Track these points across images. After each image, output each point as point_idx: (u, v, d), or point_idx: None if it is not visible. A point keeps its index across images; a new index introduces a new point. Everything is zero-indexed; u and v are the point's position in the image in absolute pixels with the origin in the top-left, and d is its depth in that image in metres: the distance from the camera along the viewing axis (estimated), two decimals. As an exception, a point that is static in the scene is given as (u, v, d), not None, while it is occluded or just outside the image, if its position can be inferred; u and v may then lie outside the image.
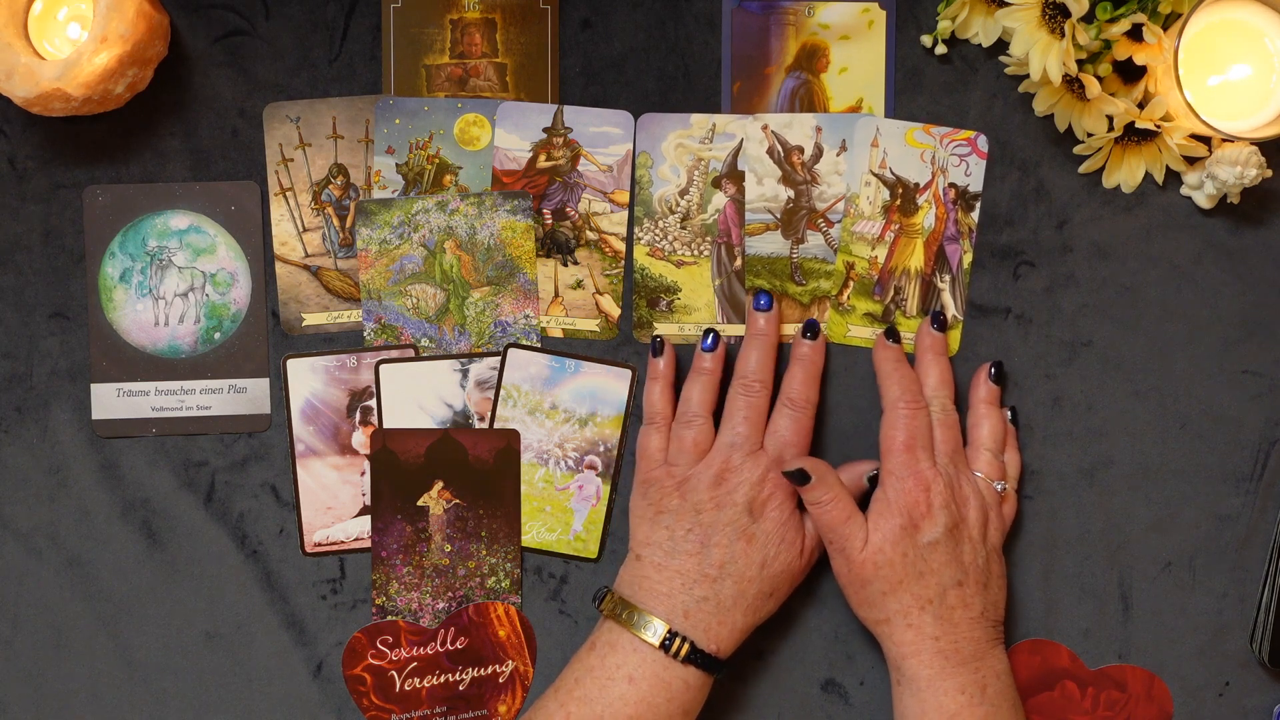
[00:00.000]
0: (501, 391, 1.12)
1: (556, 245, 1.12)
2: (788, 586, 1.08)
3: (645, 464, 1.09)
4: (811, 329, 1.10)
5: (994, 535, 1.07)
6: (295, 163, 1.12)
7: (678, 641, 1.03)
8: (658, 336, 1.11)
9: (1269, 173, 1.08)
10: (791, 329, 1.11)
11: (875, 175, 1.11)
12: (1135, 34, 1.05)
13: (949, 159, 1.11)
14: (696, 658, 1.03)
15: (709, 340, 1.09)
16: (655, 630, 1.03)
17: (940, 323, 1.09)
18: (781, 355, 1.11)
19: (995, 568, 1.06)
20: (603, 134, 1.12)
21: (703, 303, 1.12)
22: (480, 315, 1.12)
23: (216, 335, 1.12)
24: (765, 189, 1.12)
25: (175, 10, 1.11)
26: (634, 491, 1.09)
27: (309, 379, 1.12)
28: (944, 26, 1.10)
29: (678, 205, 1.12)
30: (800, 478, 1.05)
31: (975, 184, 1.11)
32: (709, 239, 1.12)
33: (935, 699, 1.03)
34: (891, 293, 1.12)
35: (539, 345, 1.12)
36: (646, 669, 1.03)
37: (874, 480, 1.08)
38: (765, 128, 1.11)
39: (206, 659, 1.12)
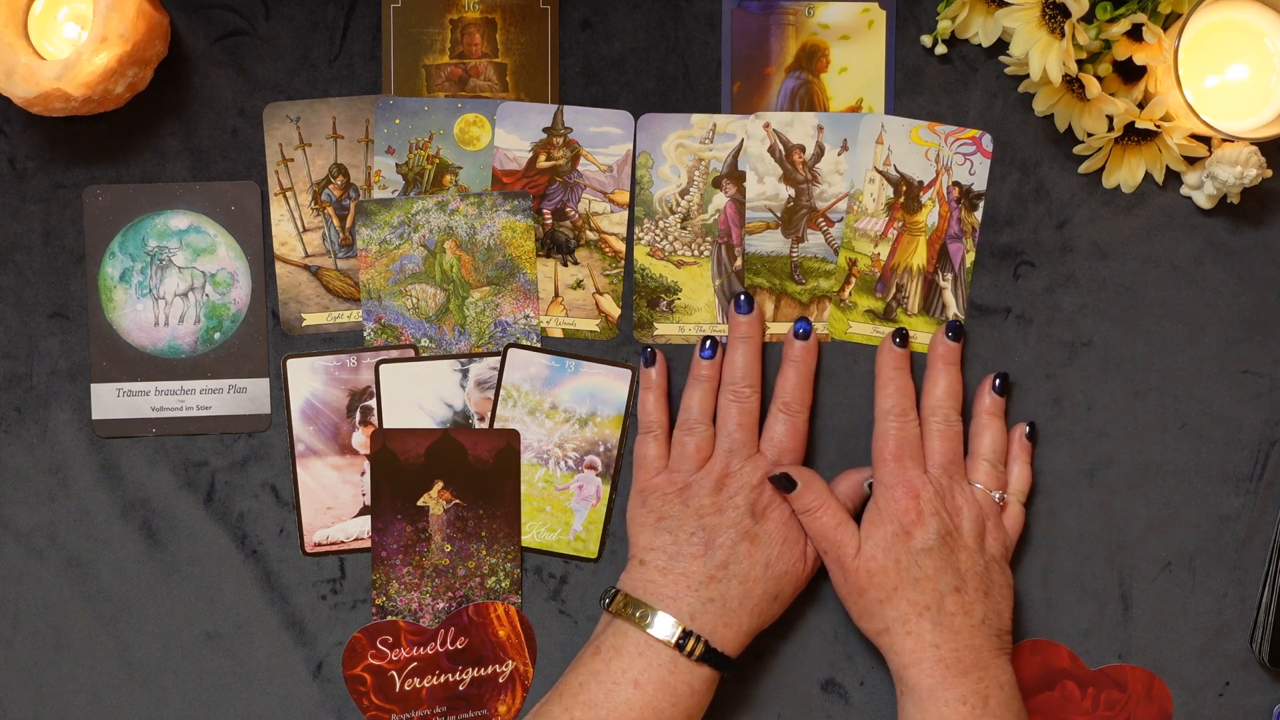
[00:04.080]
0: (501, 391, 1.12)
1: (556, 245, 1.12)
2: (792, 589, 1.08)
3: (644, 472, 1.09)
4: (803, 329, 1.10)
5: (993, 545, 1.07)
6: (295, 163, 1.12)
7: (692, 640, 1.03)
8: (648, 347, 1.11)
9: (1269, 173, 1.08)
10: (783, 328, 1.11)
11: (879, 172, 1.11)
12: (1135, 34, 1.05)
13: (953, 157, 1.11)
14: (710, 656, 1.03)
15: (707, 348, 1.09)
16: (669, 629, 1.03)
17: (955, 332, 1.09)
18: (774, 355, 1.11)
19: (997, 576, 1.06)
20: (603, 134, 1.12)
21: (703, 303, 1.12)
22: (480, 315, 1.12)
23: (216, 335, 1.12)
24: (766, 187, 1.12)
25: (175, 10, 1.11)
26: (631, 500, 1.09)
27: (309, 379, 1.12)
28: (944, 26, 1.10)
29: (678, 205, 1.12)
30: (786, 483, 1.05)
31: (979, 183, 1.12)
32: (709, 239, 1.12)
33: (937, 709, 1.02)
34: (893, 290, 1.12)
35: (539, 345, 1.12)
36: (652, 673, 1.03)
37: (873, 487, 1.08)
38: (767, 125, 1.11)
39: (206, 659, 1.12)
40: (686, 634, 1.03)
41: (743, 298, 1.10)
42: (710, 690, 1.05)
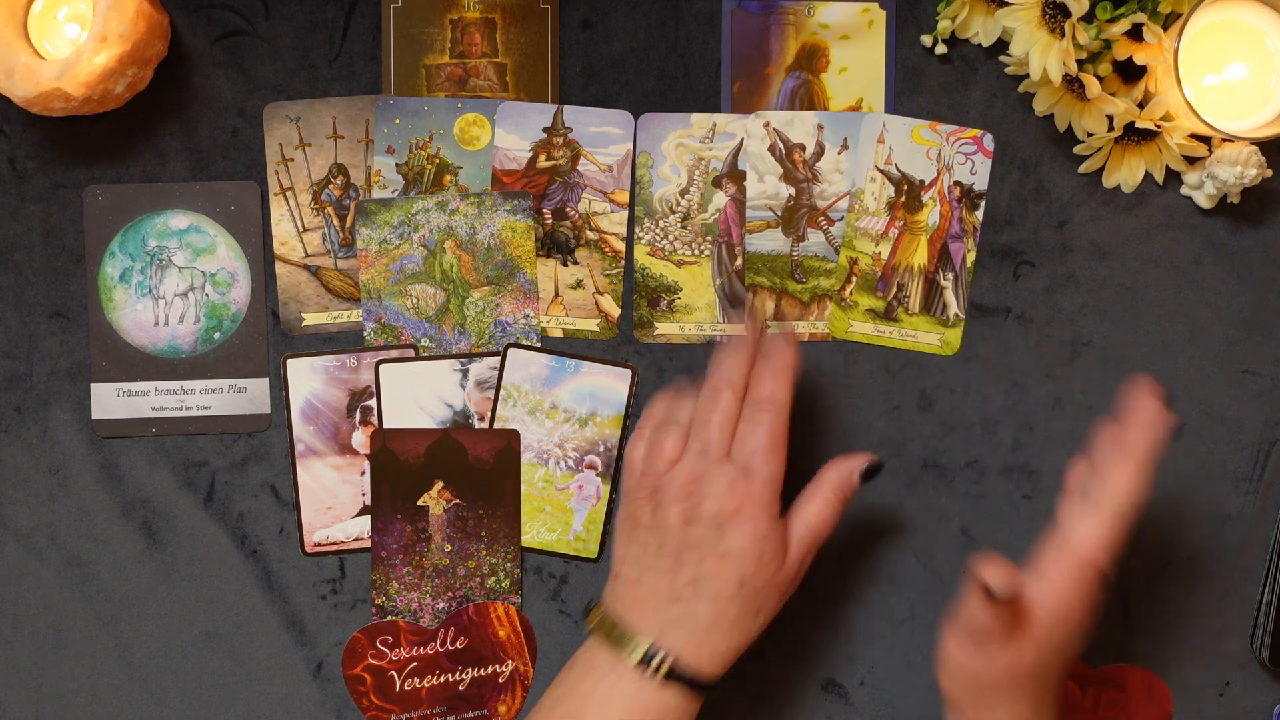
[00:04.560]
0: (501, 391, 1.12)
1: (556, 245, 1.12)
2: (777, 599, 1.02)
3: (626, 475, 1.04)
4: (777, 320, 1.06)
5: None
6: (295, 163, 1.12)
7: (658, 658, 0.98)
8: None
9: (1269, 173, 1.08)
10: (784, 328, 1.11)
11: (881, 171, 1.11)
12: (1135, 34, 1.05)
13: (955, 157, 1.11)
14: (678, 677, 0.98)
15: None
16: (635, 647, 0.99)
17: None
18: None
19: None
20: (603, 134, 1.12)
21: (703, 302, 1.12)
22: (480, 315, 1.12)
23: (216, 335, 1.12)
24: (766, 186, 1.12)
25: (175, 10, 1.11)
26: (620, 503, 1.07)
27: (309, 379, 1.12)
28: (944, 26, 1.10)
29: (678, 205, 1.12)
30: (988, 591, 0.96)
31: (980, 182, 1.12)
32: (709, 238, 1.12)
33: None
34: (894, 289, 1.12)
35: (539, 345, 1.12)
36: (618, 693, 0.98)
37: (865, 476, 1.03)
38: (767, 125, 1.11)
39: (206, 659, 1.12)
40: (652, 652, 0.98)
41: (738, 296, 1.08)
42: (689, 711, 0.99)
